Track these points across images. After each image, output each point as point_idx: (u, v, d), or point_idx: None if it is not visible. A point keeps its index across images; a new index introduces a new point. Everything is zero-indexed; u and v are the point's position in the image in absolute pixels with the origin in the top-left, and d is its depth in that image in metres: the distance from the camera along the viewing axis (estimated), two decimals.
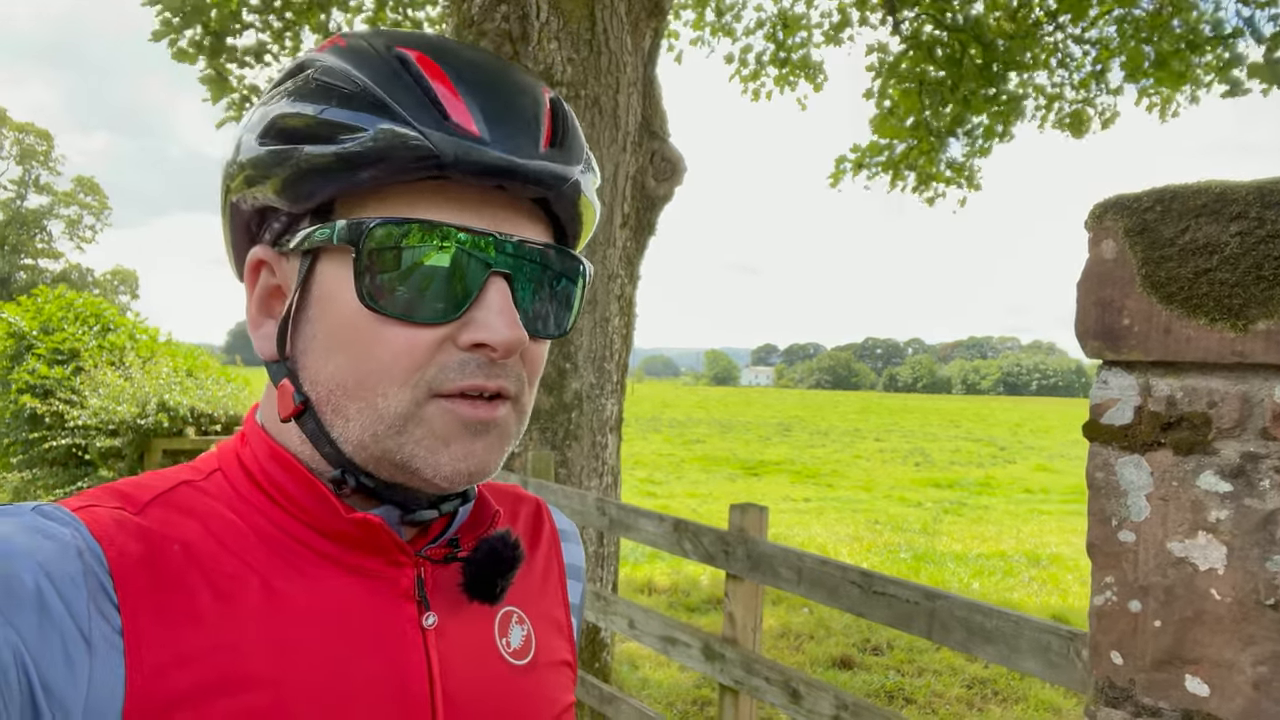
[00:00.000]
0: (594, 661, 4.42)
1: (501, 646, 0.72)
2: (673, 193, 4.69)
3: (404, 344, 0.60)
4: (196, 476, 0.66)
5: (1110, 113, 7.87)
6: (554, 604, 0.81)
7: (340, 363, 0.61)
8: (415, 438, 0.61)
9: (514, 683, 0.71)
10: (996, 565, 8.54)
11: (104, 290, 52.90)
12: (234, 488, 0.65)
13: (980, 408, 60.96)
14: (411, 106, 0.59)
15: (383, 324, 0.60)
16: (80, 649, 0.52)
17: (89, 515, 0.58)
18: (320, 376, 0.62)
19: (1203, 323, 0.86)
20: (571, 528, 0.90)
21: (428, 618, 0.66)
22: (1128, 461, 0.92)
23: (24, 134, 49.66)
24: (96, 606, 0.54)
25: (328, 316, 0.62)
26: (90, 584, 0.54)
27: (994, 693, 5.20)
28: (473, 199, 0.61)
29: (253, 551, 0.62)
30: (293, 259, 0.64)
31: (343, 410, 0.62)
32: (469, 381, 0.61)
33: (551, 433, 4.28)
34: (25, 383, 7.84)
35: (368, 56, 0.61)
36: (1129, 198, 0.93)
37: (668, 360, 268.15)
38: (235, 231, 0.68)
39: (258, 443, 0.67)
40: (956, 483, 16.03)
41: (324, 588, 0.63)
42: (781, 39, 8.63)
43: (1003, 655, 1.86)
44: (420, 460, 0.61)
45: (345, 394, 0.61)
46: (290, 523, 0.64)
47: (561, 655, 0.78)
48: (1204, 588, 0.86)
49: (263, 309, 0.67)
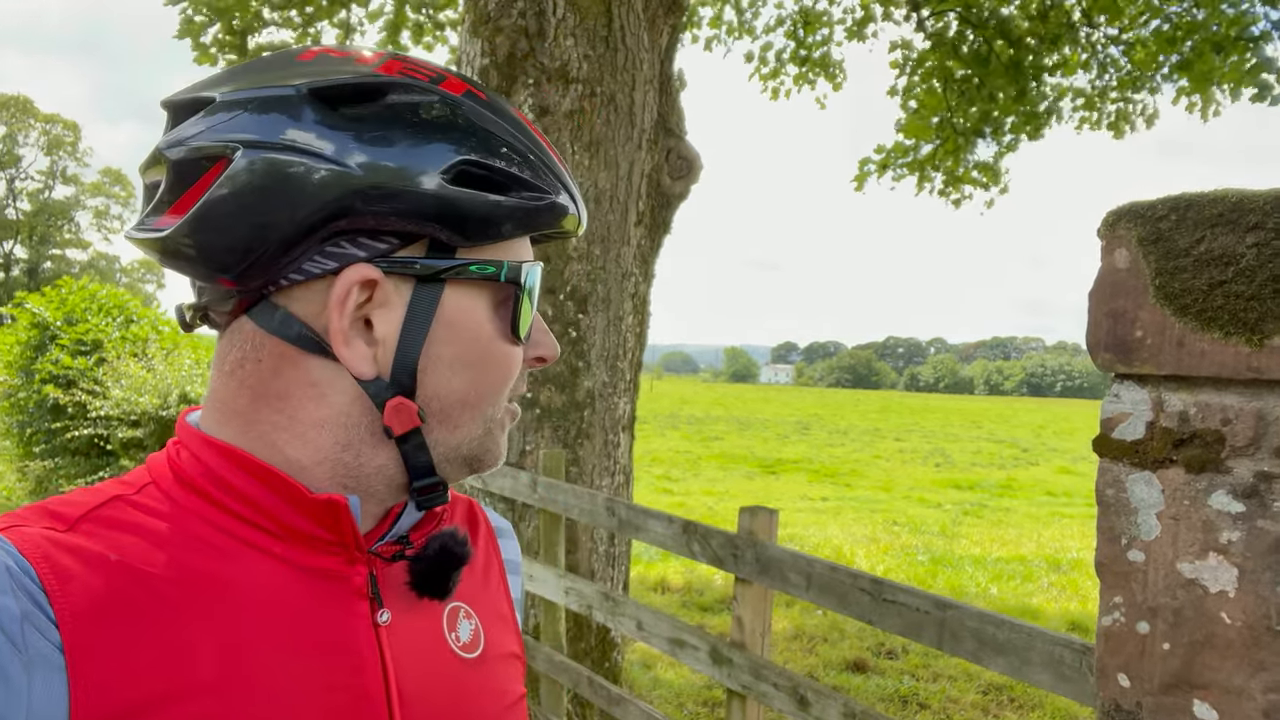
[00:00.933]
0: (604, 662, 4.41)
1: (451, 641, 0.73)
2: (689, 191, 4.67)
3: (513, 363, 0.70)
4: (128, 490, 0.65)
5: (1151, 112, 7.75)
6: (498, 598, 0.83)
7: (467, 380, 0.68)
8: (494, 436, 0.72)
9: (466, 676, 0.73)
10: (1016, 570, 8.45)
11: (131, 280, 53.55)
12: (170, 497, 0.64)
13: (1003, 408, 60.49)
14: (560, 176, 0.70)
15: (503, 346, 0.69)
16: (17, 669, 0.51)
17: (15, 535, 0.57)
18: (441, 392, 0.67)
19: (1217, 336, 0.83)
20: (506, 525, 0.93)
21: (381, 614, 0.67)
22: (1138, 478, 0.90)
23: (51, 125, 50.32)
24: (32, 624, 0.53)
25: (460, 340, 0.67)
26: (22, 603, 0.53)
27: (1010, 699, 5.15)
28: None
29: (196, 557, 0.61)
30: (398, 280, 0.65)
31: (454, 420, 0.68)
32: (524, 388, 0.75)
33: (563, 431, 4.27)
34: (48, 373, 7.95)
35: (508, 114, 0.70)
36: (1143, 205, 0.90)
37: (687, 357, 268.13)
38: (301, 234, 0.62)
39: (201, 447, 0.66)
40: (977, 484, 15.90)
41: (273, 589, 0.63)
42: (802, 36, 8.57)
43: (1014, 667, 1.83)
44: (492, 453, 0.72)
45: (464, 407, 0.68)
46: (237, 525, 0.64)
47: (510, 648, 0.80)
48: (1214, 611, 0.83)
49: (355, 325, 0.65)
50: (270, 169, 0.60)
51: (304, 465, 0.65)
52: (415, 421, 0.66)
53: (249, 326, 0.65)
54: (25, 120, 49.47)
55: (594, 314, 4.33)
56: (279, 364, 0.65)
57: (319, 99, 0.62)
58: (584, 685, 3.48)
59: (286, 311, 0.64)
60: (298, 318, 0.64)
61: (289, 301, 0.64)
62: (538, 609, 3.99)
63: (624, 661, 4.79)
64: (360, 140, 0.62)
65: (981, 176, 8.46)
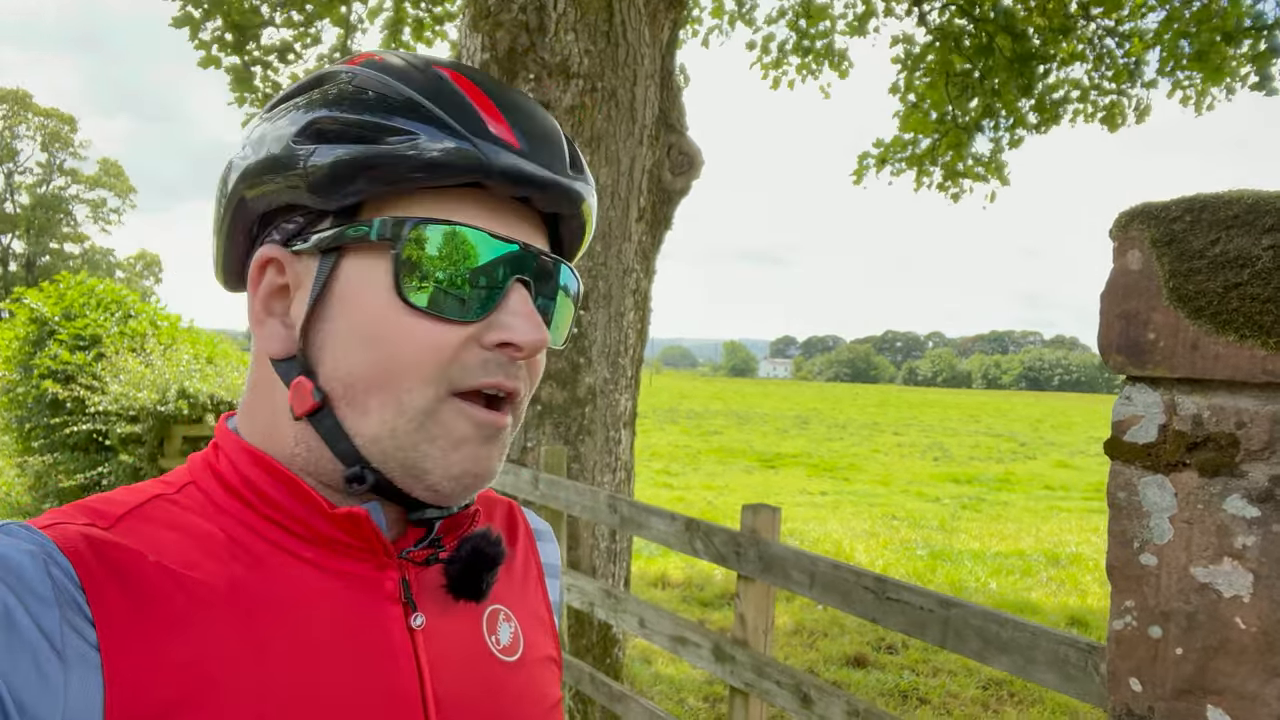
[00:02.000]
0: (605, 658, 4.41)
1: (491, 644, 0.72)
2: (690, 187, 4.65)
3: (433, 340, 0.62)
4: (169, 490, 0.65)
5: (1144, 105, 7.72)
6: (536, 601, 0.82)
7: (364, 357, 0.62)
8: (430, 436, 0.63)
9: (505, 680, 0.72)
10: (1015, 564, 8.46)
11: (128, 274, 53.47)
12: (209, 498, 0.65)
13: (1001, 402, 60.54)
14: (455, 115, 0.63)
15: (414, 320, 0.62)
16: (54, 666, 0.52)
17: (57, 532, 0.57)
18: (339, 372, 0.63)
19: (1232, 339, 0.82)
20: (545, 527, 0.91)
21: (415, 618, 0.67)
22: (1151, 482, 0.89)
23: (49, 119, 50.18)
24: (69, 623, 0.53)
25: (353, 312, 0.63)
26: (61, 600, 0.54)
27: (1010, 694, 5.15)
28: (497, 208, 0.65)
29: (232, 560, 0.62)
30: (306, 258, 0.65)
31: (362, 405, 0.63)
32: (491, 379, 0.64)
33: (565, 428, 4.26)
34: (47, 368, 7.92)
35: (406, 70, 0.65)
36: (1156, 206, 0.89)
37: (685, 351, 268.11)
38: (234, 233, 0.69)
39: (234, 450, 0.67)
40: (975, 478, 15.92)
41: (307, 593, 0.63)
42: (804, 27, 8.53)
43: (1018, 666, 1.83)
44: (432, 460, 0.63)
45: (367, 388, 0.63)
46: (271, 529, 0.64)
47: (547, 651, 0.80)
48: (1228, 616, 0.83)
49: (266, 307, 0.67)
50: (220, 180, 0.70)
51: (282, 456, 0.66)
52: (311, 402, 0.64)
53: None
54: (23, 114, 49.34)
55: (595, 310, 4.31)
56: (257, 355, 0.68)
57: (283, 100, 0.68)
58: (585, 682, 3.48)
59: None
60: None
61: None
62: None
63: (625, 657, 4.79)
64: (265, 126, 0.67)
65: (983, 171, 8.43)
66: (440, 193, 0.63)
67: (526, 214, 0.67)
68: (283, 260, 0.66)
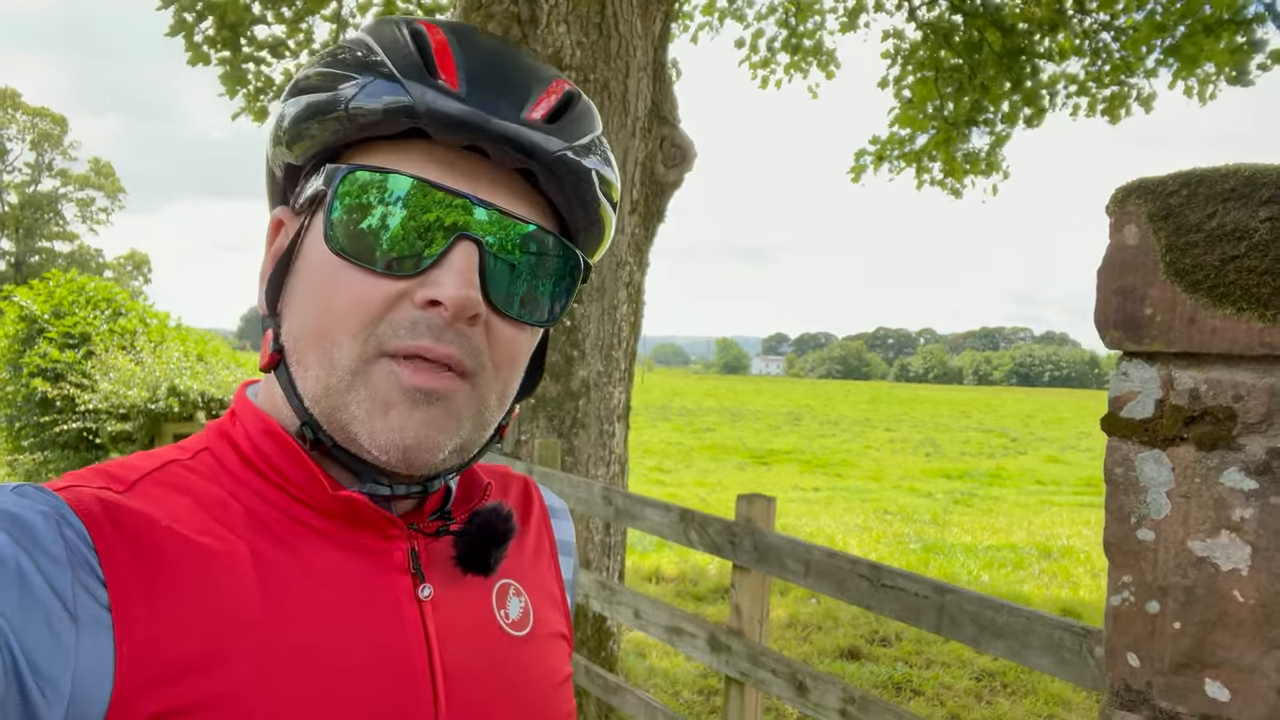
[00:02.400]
0: (600, 650, 4.41)
1: (500, 618, 0.72)
2: (682, 179, 4.64)
3: (361, 293, 0.60)
4: (184, 455, 0.66)
5: (1146, 96, 7.72)
6: (548, 578, 0.82)
7: (309, 312, 0.63)
8: (359, 398, 0.60)
9: (513, 653, 0.71)
10: (1007, 557, 8.49)
11: (117, 273, 53.20)
12: (223, 465, 0.65)
13: (992, 398, 60.74)
14: (401, 63, 0.61)
15: (346, 271, 0.60)
16: (66, 625, 0.52)
17: (72, 494, 0.57)
18: (293, 327, 0.64)
19: (1229, 312, 0.82)
20: (561, 505, 0.90)
21: (423, 589, 0.67)
22: (1148, 457, 0.89)
23: (38, 118, 49.89)
24: (81, 583, 0.53)
25: (306, 268, 0.64)
26: (74, 561, 0.54)
27: (1003, 685, 5.17)
28: (456, 163, 0.62)
29: (243, 527, 0.62)
30: (301, 217, 0.66)
31: (304, 360, 0.63)
32: (417, 342, 0.60)
33: (559, 421, 4.25)
34: (37, 366, 7.89)
35: (384, 28, 0.65)
36: (1153, 181, 0.89)
37: (678, 348, 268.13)
38: (272, 198, 0.73)
39: (249, 418, 0.67)
40: (967, 473, 15.97)
41: (317, 562, 0.63)
42: (794, 25, 8.53)
43: (1013, 651, 1.83)
44: (359, 425, 0.60)
45: (307, 343, 0.62)
46: (281, 498, 0.64)
47: (558, 628, 0.79)
48: (1226, 589, 0.83)
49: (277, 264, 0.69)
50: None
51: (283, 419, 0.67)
52: (269, 354, 0.66)
53: None
54: (12, 114, 49.05)
55: (588, 303, 4.31)
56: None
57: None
58: (581, 674, 3.48)
59: None
60: None
61: None
62: None
63: (620, 650, 4.79)
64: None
65: (973, 167, 8.44)
66: (397, 144, 0.62)
67: (504, 176, 0.63)
68: (287, 220, 0.68)
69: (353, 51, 0.64)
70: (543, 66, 0.67)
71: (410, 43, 0.63)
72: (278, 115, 0.66)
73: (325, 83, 0.63)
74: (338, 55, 0.65)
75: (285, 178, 0.69)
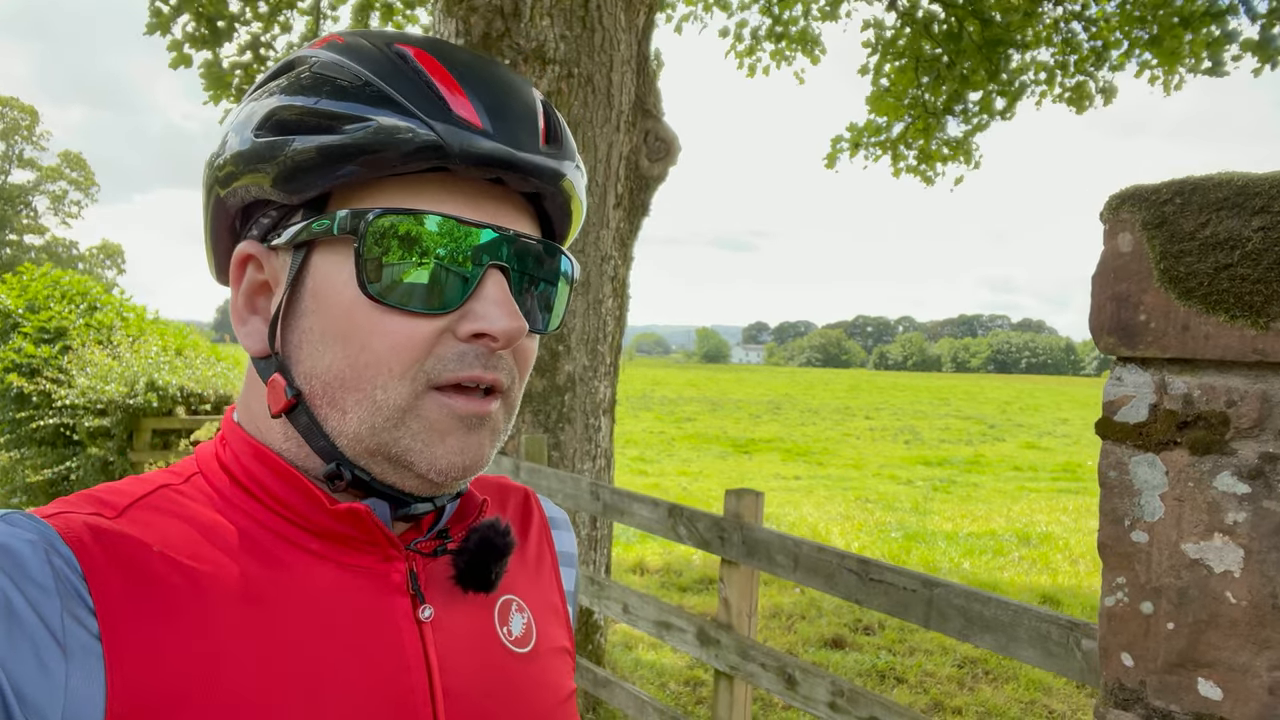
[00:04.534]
0: (587, 644, 4.42)
1: (503, 635, 0.71)
2: (667, 173, 4.64)
3: (404, 335, 0.60)
4: (176, 480, 0.65)
5: (1110, 87, 7.79)
6: (550, 591, 0.81)
7: (337, 355, 0.61)
8: (412, 431, 0.61)
9: (517, 671, 0.71)
10: (987, 544, 8.58)
11: (90, 265, 52.46)
12: (215, 489, 0.65)
13: (970, 385, 61.22)
14: (415, 98, 0.60)
15: (382, 315, 0.60)
16: (55, 656, 0.51)
17: (60, 521, 0.56)
18: (316, 370, 0.62)
19: (1222, 319, 0.84)
20: (562, 515, 0.90)
21: (424, 610, 0.66)
22: (1141, 460, 0.90)
23: (7, 109, 49.02)
24: (70, 612, 0.53)
25: (324, 309, 0.62)
26: (62, 590, 0.53)
27: (985, 672, 5.24)
28: (470, 192, 0.62)
29: (238, 552, 0.61)
30: (283, 254, 0.64)
31: (339, 403, 0.62)
32: (467, 373, 0.61)
33: (544, 415, 4.25)
34: (11, 361, 7.77)
35: (366, 52, 0.62)
36: (1147, 189, 0.91)
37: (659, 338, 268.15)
38: (217, 229, 0.68)
39: (238, 442, 0.67)
40: (946, 460, 16.11)
41: (313, 585, 0.62)
42: (777, 13, 8.53)
43: (1000, 644, 1.85)
44: (416, 454, 0.61)
45: (342, 386, 0.61)
46: (276, 521, 0.64)
47: (561, 642, 0.79)
48: (1219, 590, 0.84)
49: (249, 305, 0.67)
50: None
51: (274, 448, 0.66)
52: (285, 400, 0.63)
53: None
54: None
55: (573, 297, 4.30)
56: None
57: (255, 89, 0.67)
58: None
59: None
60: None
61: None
62: None
63: (606, 644, 4.81)
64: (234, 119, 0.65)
65: (952, 153, 8.49)
66: (408, 179, 0.61)
67: (505, 195, 0.64)
68: (260, 257, 0.65)
69: (340, 80, 0.61)
70: (518, 78, 0.68)
71: (409, 72, 0.61)
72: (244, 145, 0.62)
73: (325, 120, 0.60)
74: (324, 83, 0.61)
75: (243, 209, 0.66)
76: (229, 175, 0.64)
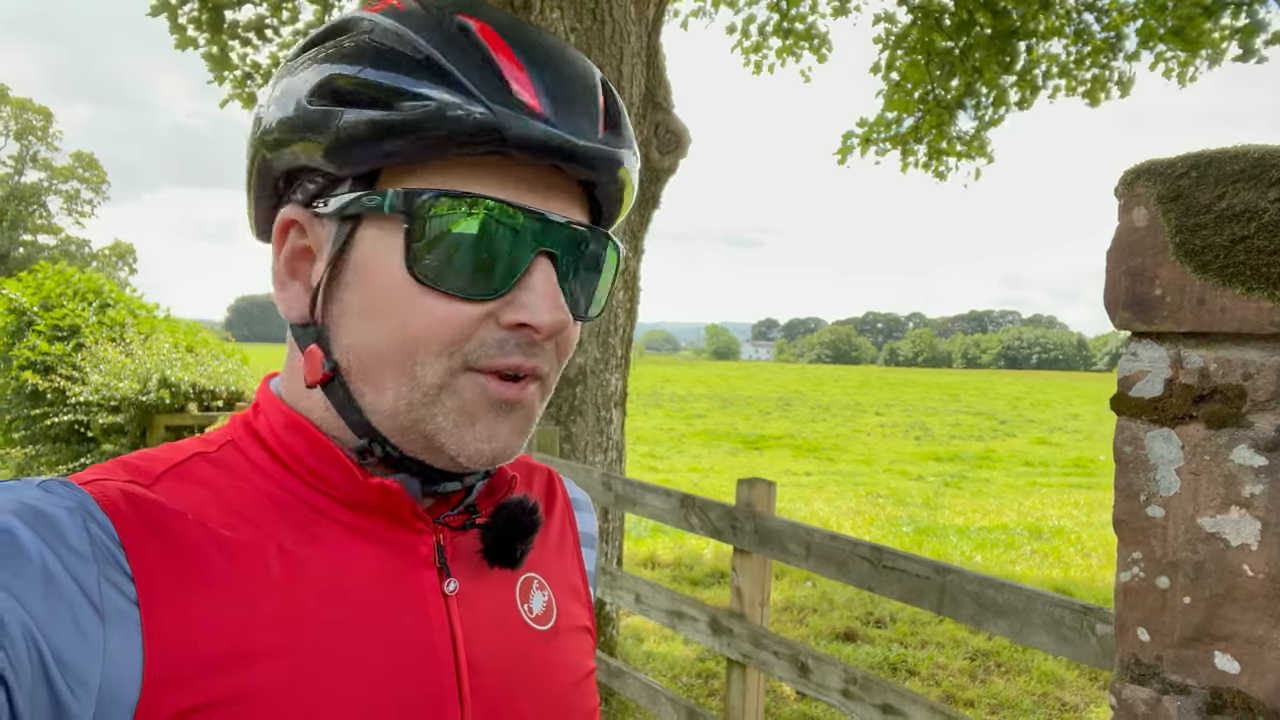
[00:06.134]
0: (599, 635, 4.43)
1: (524, 612, 0.72)
2: (677, 165, 4.63)
3: (447, 317, 0.60)
4: (209, 448, 0.65)
5: (1127, 79, 7.73)
6: (571, 571, 0.81)
7: (378, 331, 0.61)
8: (446, 409, 0.61)
9: (537, 648, 0.71)
10: (998, 538, 8.56)
11: (103, 264, 52.79)
12: (248, 458, 0.65)
13: (980, 381, 60.99)
14: (475, 78, 0.58)
15: (427, 295, 0.59)
16: (92, 621, 0.52)
17: (97, 489, 0.57)
18: (354, 343, 0.62)
19: (1239, 292, 0.84)
20: (584, 497, 0.90)
21: (449, 584, 0.67)
22: (1157, 435, 0.90)
23: (22, 110, 49.35)
24: (108, 578, 0.53)
25: (368, 284, 0.61)
26: (100, 556, 0.54)
27: (997, 665, 5.22)
28: (523, 176, 0.61)
29: (269, 521, 0.62)
30: (328, 222, 0.63)
31: (375, 378, 0.61)
32: (507, 360, 0.61)
33: (555, 408, 4.26)
34: (26, 359, 7.83)
35: (427, 22, 0.60)
36: (1162, 163, 0.90)
37: (668, 335, 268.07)
38: (261, 189, 0.67)
39: (273, 411, 0.67)
40: (957, 456, 16.06)
41: (343, 556, 0.63)
42: (785, 9, 8.50)
43: (1014, 630, 1.85)
44: (446, 435, 0.61)
45: (380, 362, 0.61)
46: (307, 491, 0.64)
47: (581, 621, 0.79)
48: (1236, 564, 0.84)
49: (289, 269, 0.66)
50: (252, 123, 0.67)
51: (314, 418, 0.66)
52: (322, 372, 0.63)
53: None
54: None
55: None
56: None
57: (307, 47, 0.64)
58: None
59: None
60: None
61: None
62: None
63: (618, 635, 4.82)
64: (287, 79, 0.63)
65: (965, 149, 8.44)
66: (461, 160, 0.60)
67: (558, 180, 0.63)
68: (304, 222, 0.64)
69: (398, 50, 0.59)
70: (581, 58, 0.66)
71: (471, 48, 0.59)
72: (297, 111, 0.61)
73: (381, 95, 0.58)
74: (382, 53, 0.59)
75: (288, 172, 0.64)
76: (277, 141, 0.62)
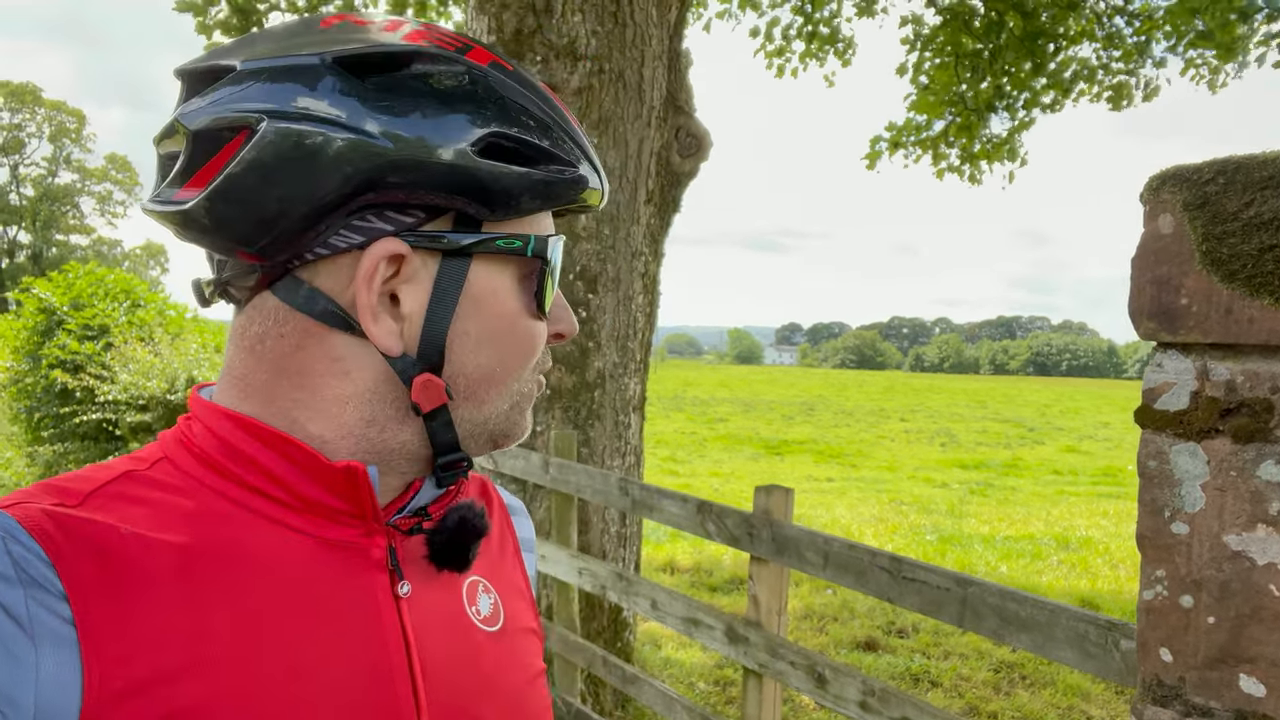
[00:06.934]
0: (616, 641, 4.42)
1: (472, 614, 0.73)
2: (698, 169, 4.62)
3: (537, 338, 0.70)
4: (140, 466, 0.64)
5: (1153, 85, 7.63)
6: (515, 573, 0.83)
7: (491, 356, 0.67)
8: (522, 409, 0.71)
9: (488, 649, 0.73)
10: (1025, 548, 8.45)
11: (134, 264, 53.61)
12: (183, 471, 0.64)
13: (1008, 388, 60.38)
14: (580, 144, 0.68)
15: (535, 322, 0.69)
16: (23, 645, 0.51)
17: (19, 511, 0.56)
18: (468, 369, 0.66)
19: (1267, 303, 0.81)
20: (519, 504, 0.92)
21: (402, 586, 0.67)
22: (1182, 449, 0.87)
23: (56, 112, 50.25)
24: (35, 600, 0.53)
25: (484, 315, 0.66)
26: (24, 579, 0.53)
27: (1021, 677, 5.15)
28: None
29: (209, 532, 0.61)
30: (425, 254, 0.63)
31: (480, 397, 0.67)
32: (548, 363, 0.74)
33: (574, 412, 4.26)
34: (56, 358, 7.96)
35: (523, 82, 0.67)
36: (1188, 169, 0.88)
37: (691, 339, 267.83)
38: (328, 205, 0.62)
39: (215, 418, 0.65)
40: (983, 464, 15.89)
41: (290, 561, 0.62)
42: (810, 12, 8.46)
43: (1037, 644, 1.81)
44: (517, 429, 0.72)
45: (489, 382, 0.67)
46: (251, 498, 0.63)
47: (528, 622, 0.80)
48: (1263, 583, 0.81)
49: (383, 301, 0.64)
50: (295, 140, 0.58)
51: (326, 440, 0.65)
52: (443, 398, 0.65)
53: (272, 302, 0.64)
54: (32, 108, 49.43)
55: (604, 294, 4.30)
56: (303, 339, 0.64)
57: (344, 68, 0.60)
58: (598, 665, 3.48)
59: (311, 287, 0.63)
60: (324, 293, 0.63)
61: (314, 276, 0.63)
62: (550, 589, 3.99)
63: (635, 641, 4.80)
64: (386, 111, 0.60)
65: (995, 151, 8.34)
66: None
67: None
68: (406, 255, 0.63)
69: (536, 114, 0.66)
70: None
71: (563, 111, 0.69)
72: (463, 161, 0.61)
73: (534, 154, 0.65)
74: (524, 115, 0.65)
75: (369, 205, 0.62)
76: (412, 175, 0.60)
